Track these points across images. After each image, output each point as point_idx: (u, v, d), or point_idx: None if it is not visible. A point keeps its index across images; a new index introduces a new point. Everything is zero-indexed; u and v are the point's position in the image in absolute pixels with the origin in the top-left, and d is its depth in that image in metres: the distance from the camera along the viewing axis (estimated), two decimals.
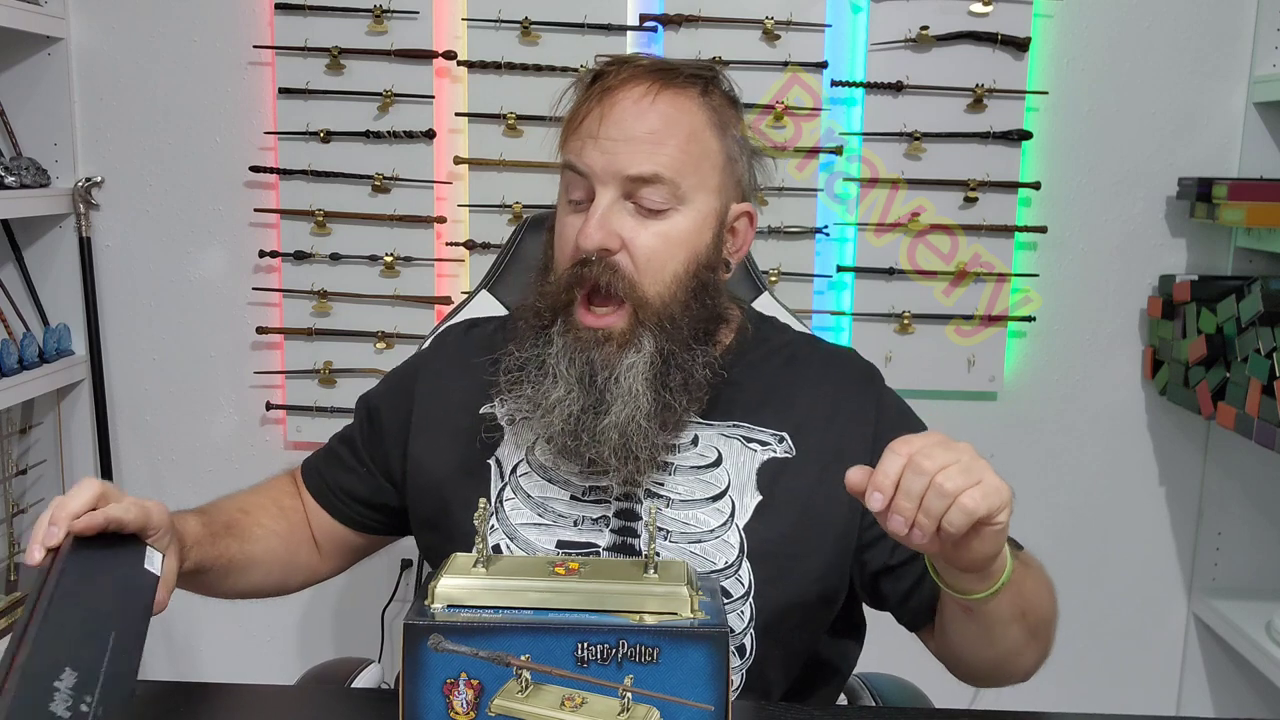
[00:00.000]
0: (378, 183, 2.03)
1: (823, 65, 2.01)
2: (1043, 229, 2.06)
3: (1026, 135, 2.02)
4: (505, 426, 1.11)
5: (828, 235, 2.06)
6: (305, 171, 2.04)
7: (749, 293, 1.41)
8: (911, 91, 2.02)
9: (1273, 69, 2.01)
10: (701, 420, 1.09)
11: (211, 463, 2.16)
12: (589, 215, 1.04)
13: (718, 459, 1.08)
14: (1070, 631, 2.20)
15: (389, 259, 2.05)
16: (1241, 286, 1.85)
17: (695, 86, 1.07)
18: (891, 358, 2.07)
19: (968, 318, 2.07)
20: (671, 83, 1.06)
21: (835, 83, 2.01)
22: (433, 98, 2.02)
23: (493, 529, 1.07)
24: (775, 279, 2.04)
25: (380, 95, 2.01)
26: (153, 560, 0.94)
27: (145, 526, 0.93)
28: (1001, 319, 2.08)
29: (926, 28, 1.99)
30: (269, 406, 2.10)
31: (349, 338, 2.08)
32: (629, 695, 0.79)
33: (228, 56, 2.04)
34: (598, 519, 1.06)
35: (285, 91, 2.02)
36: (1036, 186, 2.05)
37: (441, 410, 1.16)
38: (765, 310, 1.27)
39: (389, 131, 2.02)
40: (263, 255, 2.07)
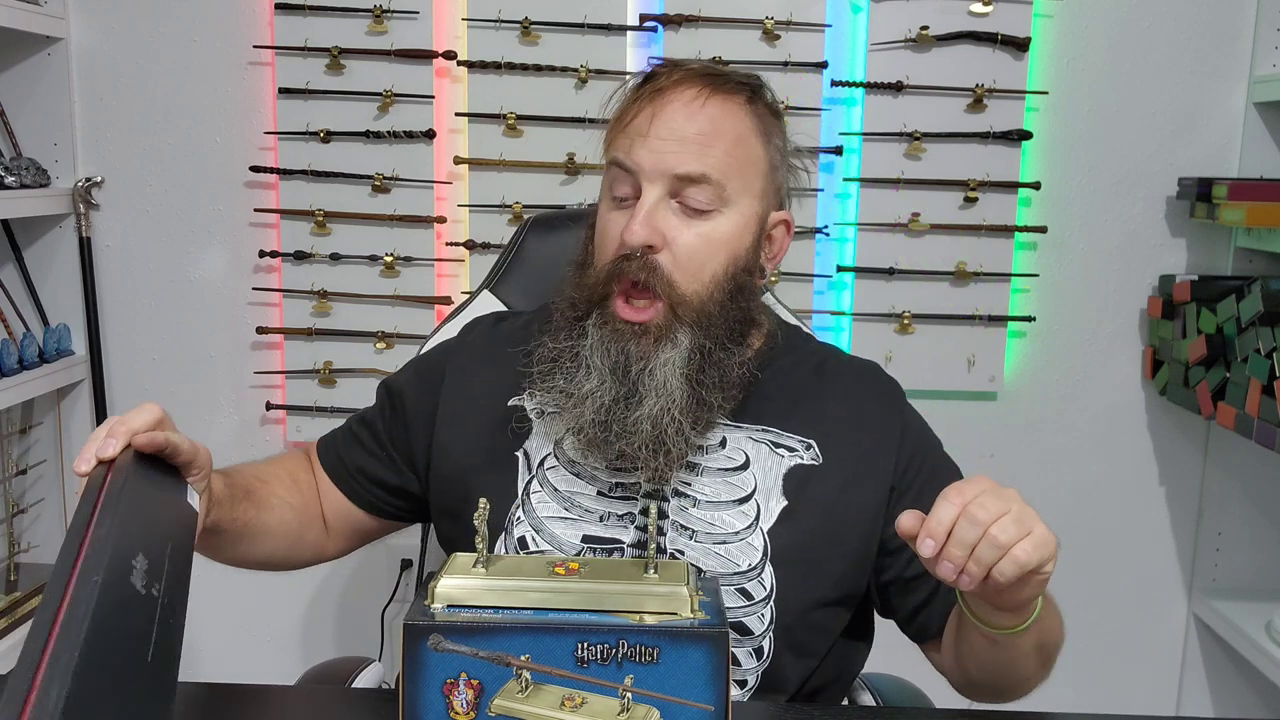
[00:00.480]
0: (378, 183, 2.03)
1: (823, 65, 2.01)
2: (1043, 229, 2.06)
3: (1026, 135, 2.02)
4: (534, 420, 1.12)
5: (828, 235, 2.06)
6: (305, 171, 2.04)
7: None
8: (911, 91, 2.02)
9: (1273, 69, 2.01)
10: (731, 422, 1.10)
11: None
12: (635, 212, 1.05)
13: (745, 462, 1.09)
14: (1070, 631, 2.19)
15: (389, 259, 2.05)
16: (1241, 286, 1.85)
17: (742, 94, 1.09)
18: (891, 358, 2.07)
19: (968, 318, 2.07)
20: (721, 88, 1.08)
21: (835, 83, 2.01)
22: (433, 98, 2.02)
23: (519, 521, 1.08)
24: (775, 279, 2.04)
25: (380, 95, 2.01)
26: (193, 497, 0.93)
27: (193, 462, 0.94)
28: (1001, 319, 2.08)
29: (926, 28, 1.99)
30: (269, 406, 2.10)
31: (349, 338, 2.08)
32: (629, 695, 0.79)
33: (228, 56, 2.04)
34: (623, 515, 1.07)
35: (285, 91, 2.02)
36: (1036, 186, 2.05)
37: (469, 401, 1.16)
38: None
39: (389, 131, 2.02)
40: (263, 255, 2.07)
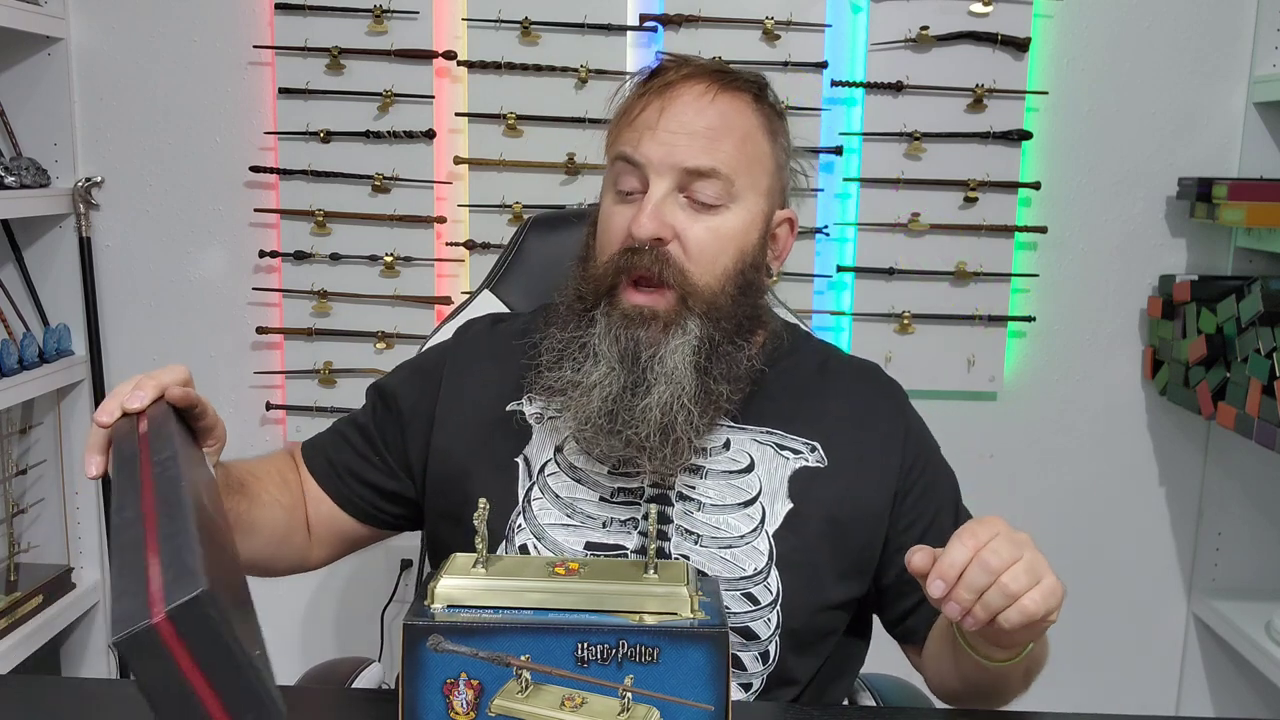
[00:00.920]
0: (378, 183, 2.03)
1: (823, 65, 2.01)
2: (1043, 229, 2.06)
3: (1026, 135, 2.02)
4: (534, 424, 1.11)
5: (828, 235, 2.06)
6: (305, 171, 2.04)
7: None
8: (911, 91, 2.02)
9: (1273, 69, 2.01)
10: (733, 424, 1.09)
11: None
12: (643, 205, 1.05)
13: (750, 464, 1.08)
14: (1070, 632, 2.21)
15: (389, 259, 2.05)
16: (1241, 286, 1.85)
17: (750, 91, 1.10)
18: (891, 358, 2.07)
19: (968, 318, 2.07)
20: (730, 85, 1.08)
21: (835, 83, 2.01)
22: (433, 98, 2.02)
23: (520, 528, 1.07)
24: (775, 279, 2.03)
25: (380, 95, 2.01)
26: (208, 465, 0.92)
27: (213, 431, 0.93)
28: (1001, 319, 2.08)
29: (926, 28, 1.99)
30: (269, 406, 2.10)
31: (349, 338, 2.08)
32: (629, 695, 0.79)
33: (228, 56, 2.04)
34: (626, 520, 1.06)
35: (285, 91, 2.02)
36: (1036, 186, 2.05)
37: (468, 404, 1.14)
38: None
39: (389, 131, 2.02)
40: (263, 255, 2.07)
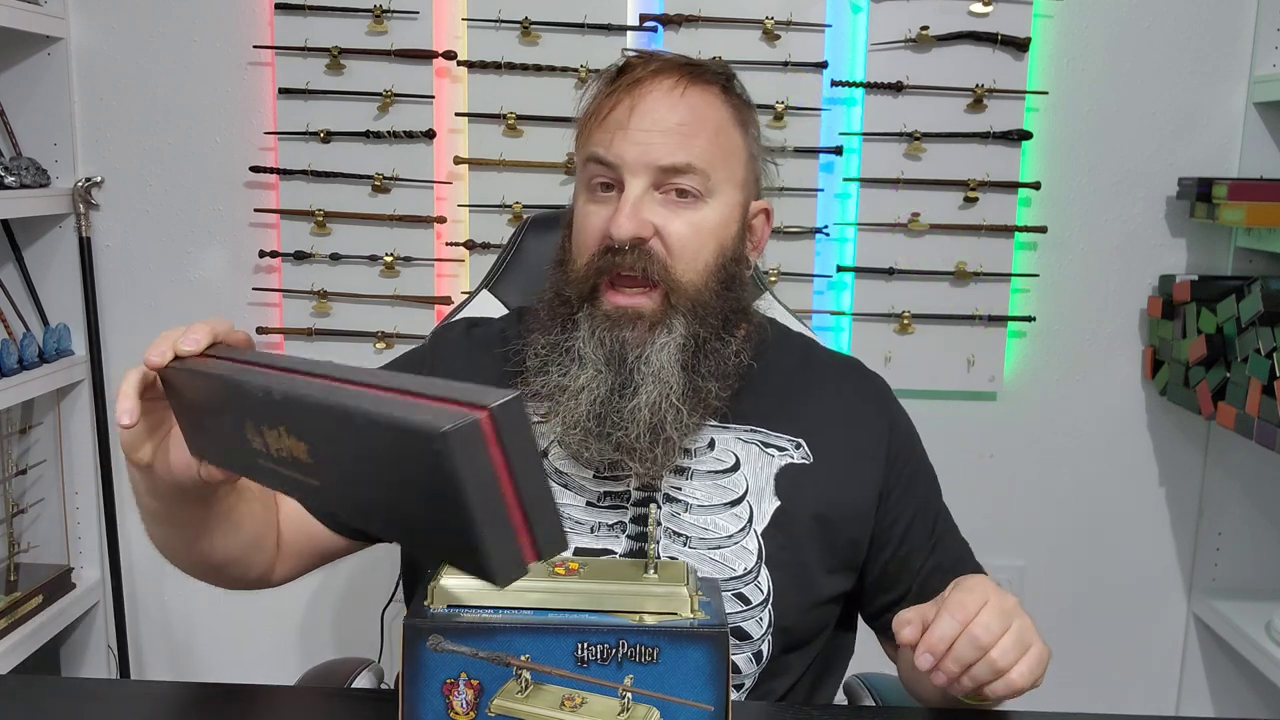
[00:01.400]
0: (378, 183, 2.03)
1: (823, 65, 2.01)
2: (1043, 229, 2.06)
3: (1026, 135, 2.02)
4: None
5: (828, 235, 2.06)
6: (305, 171, 2.04)
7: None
8: (911, 91, 2.02)
9: (1273, 69, 2.01)
10: (718, 423, 1.08)
11: None
12: (621, 204, 1.03)
13: (736, 464, 1.07)
14: (1070, 631, 2.21)
15: (389, 259, 2.05)
16: (1241, 286, 1.85)
17: (718, 83, 1.08)
18: (891, 358, 2.07)
19: (968, 318, 2.07)
20: (699, 78, 1.07)
21: (835, 83, 2.01)
22: (433, 98, 2.02)
23: None
24: (775, 279, 2.04)
25: (380, 95, 2.01)
26: None
27: None
28: (1001, 319, 2.08)
29: (926, 28, 1.99)
30: None
31: (349, 338, 2.08)
32: (629, 695, 0.79)
33: (228, 56, 2.04)
34: (614, 524, 1.05)
35: (285, 91, 2.02)
36: (1036, 186, 2.05)
37: None
38: (760, 309, 1.27)
39: (389, 131, 2.02)
40: (263, 255, 2.07)
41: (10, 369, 1.91)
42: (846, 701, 1.21)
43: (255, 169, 2.05)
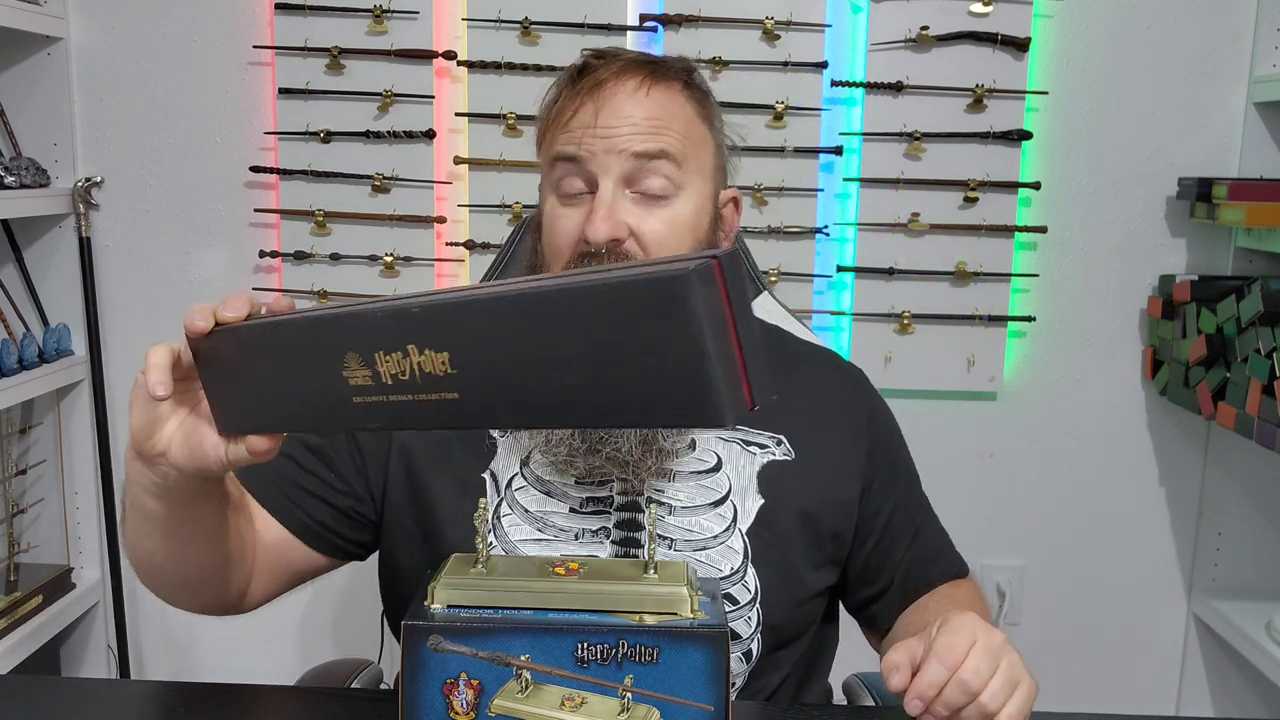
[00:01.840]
0: (378, 183, 2.03)
1: (823, 65, 2.01)
2: (1043, 229, 2.06)
3: (1026, 135, 2.02)
4: (497, 438, 1.08)
5: (828, 235, 2.06)
6: (305, 172, 2.04)
7: (748, 293, 1.41)
8: (911, 91, 2.02)
9: (1273, 69, 2.01)
10: None
11: None
12: (595, 205, 1.01)
13: (717, 463, 1.07)
14: (1070, 631, 2.21)
15: (389, 259, 2.05)
16: (1241, 286, 1.85)
17: (680, 79, 1.07)
18: (891, 358, 2.07)
19: (968, 318, 2.07)
20: (662, 75, 1.06)
21: (835, 83, 2.01)
22: (433, 98, 2.02)
23: (490, 546, 1.05)
24: (775, 279, 2.04)
25: (380, 95, 2.01)
26: None
27: None
28: (1001, 319, 2.08)
29: (926, 28, 1.99)
30: None
31: None
32: (629, 695, 0.79)
33: (228, 56, 2.04)
34: (598, 530, 1.04)
35: (285, 91, 2.02)
36: (1036, 186, 2.05)
37: None
38: (760, 309, 1.27)
39: (389, 131, 2.02)
40: (263, 255, 2.07)
41: (10, 369, 1.91)
42: (846, 701, 1.22)
43: (255, 169, 2.05)
